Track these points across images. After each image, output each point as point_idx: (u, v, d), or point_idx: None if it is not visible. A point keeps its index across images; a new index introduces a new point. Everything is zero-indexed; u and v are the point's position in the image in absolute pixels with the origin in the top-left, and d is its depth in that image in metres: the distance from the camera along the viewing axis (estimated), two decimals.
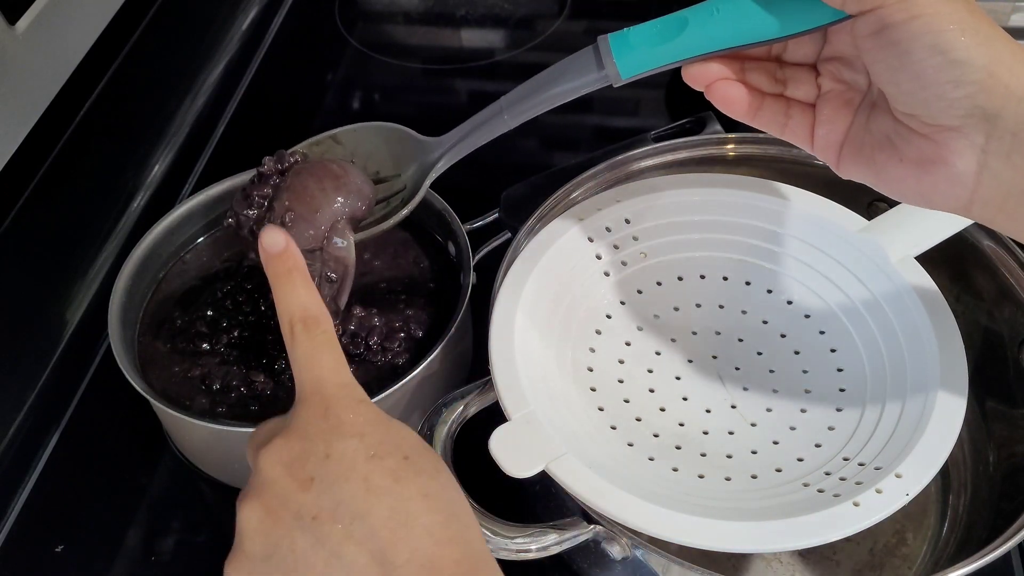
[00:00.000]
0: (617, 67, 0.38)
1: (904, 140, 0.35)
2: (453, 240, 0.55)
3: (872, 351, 0.47)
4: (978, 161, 0.33)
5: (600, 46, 0.39)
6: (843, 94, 0.38)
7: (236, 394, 0.50)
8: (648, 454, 0.44)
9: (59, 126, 0.61)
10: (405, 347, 0.52)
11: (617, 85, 0.39)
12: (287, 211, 0.46)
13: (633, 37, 0.38)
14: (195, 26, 0.79)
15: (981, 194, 0.34)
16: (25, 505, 0.53)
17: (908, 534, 0.48)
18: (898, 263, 0.47)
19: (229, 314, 0.53)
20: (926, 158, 0.34)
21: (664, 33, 0.38)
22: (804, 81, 0.39)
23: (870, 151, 0.37)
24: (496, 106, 0.43)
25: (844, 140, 0.38)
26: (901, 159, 0.35)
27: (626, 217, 0.51)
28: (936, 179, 0.34)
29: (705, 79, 0.38)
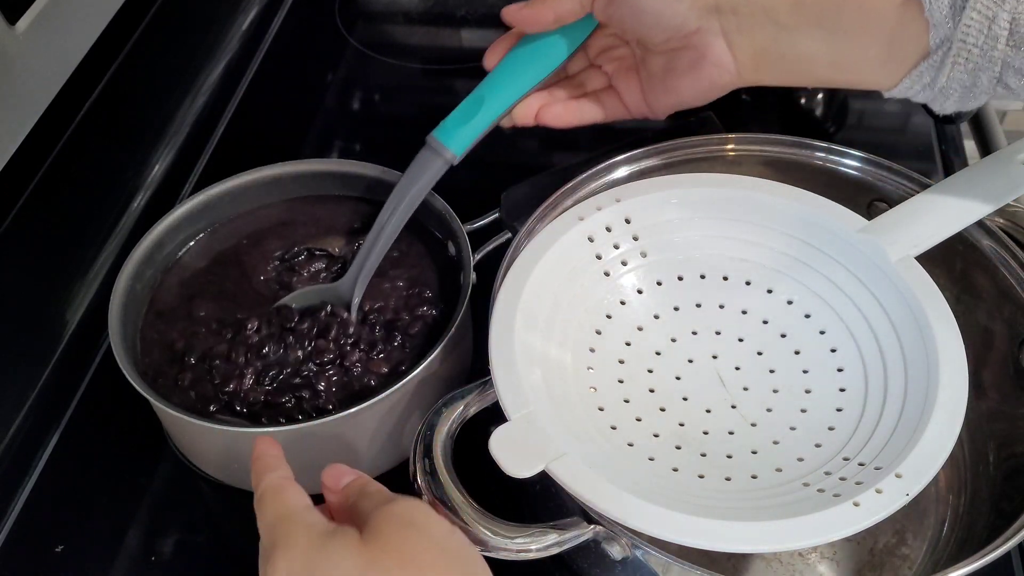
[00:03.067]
0: (451, 150, 0.49)
1: (674, 60, 0.46)
2: (453, 240, 0.55)
3: (872, 351, 0.47)
4: (725, 42, 0.44)
5: (431, 143, 0.49)
6: (622, 66, 0.50)
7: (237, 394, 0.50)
8: (648, 454, 0.44)
9: (59, 126, 0.61)
10: (405, 347, 0.52)
11: (456, 163, 0.49)
12: None
13: (450, 123, 0.49)
14: (195, 26, 0.79)
15: (740, 62, 0.44)
16: (25, 505, 0.53)
17: (908, 534, 0.48)
18: (898, 263, 0.47)
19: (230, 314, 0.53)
20: (694, 60, 0.45)
21: (469, 110, 0.49)
22: (594, 75, 0.51)
23: (660, 83, 0.48)
24: (377, 225, 0.51)
25: (643, 92, 0.49)
26: (680, 73, 0.46)
27: (626, 217, 0.51)
28: (708, 69, 0.45)
29: (530, 113, 0.49)
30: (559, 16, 0.46)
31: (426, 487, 0.40)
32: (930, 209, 0.48)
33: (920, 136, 0.70)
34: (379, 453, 0.51)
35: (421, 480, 0.41)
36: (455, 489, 0.40)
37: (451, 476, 0.41)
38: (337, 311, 0.52)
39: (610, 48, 0.50)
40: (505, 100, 0.49)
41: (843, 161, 0.54)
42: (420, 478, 0.41)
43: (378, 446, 0.50)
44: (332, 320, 0.52)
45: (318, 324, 0.52)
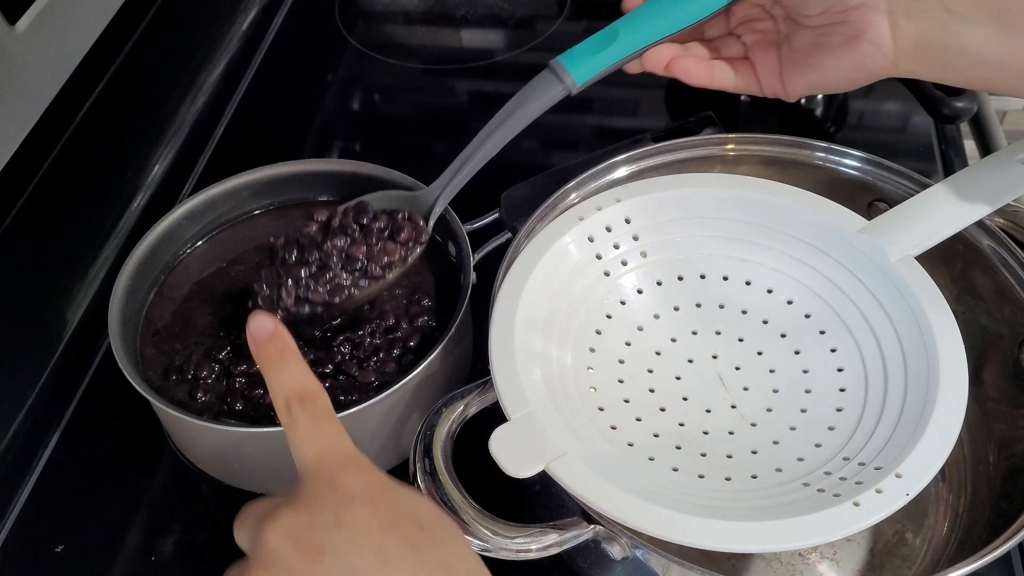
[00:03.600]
0: (573, 77, 0.46)
1: (826, 36, 0.44)
2: (453, 240, 0.55)
3: (872, 351, 0.47)
4: (888, 23, 0.42)
5: (554, 66, 0.47)
6: (763, 39, 0.48)
7: (237, 394, 0.50)
8: (648, 454, 0.44)
9: (59, 126, 0.61)
10: (405, 347, 0.52)
11: (575, 92, 0.47)
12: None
13: (577, 52, 0.47)
14: (195, 26, 0.79)
15: (899, 47, 0.42)
16: (25, 505, 0.53)
17: (908, 534, 0.48)
18: (898, 263, 0.47)
19: (230, 314, 0.54)
20: (850, 36, 0.43)
21: (601, 42, 0.47)
22: (731, 43, 0.49)
23: (803, 60, 0.45)
24: (476, 140, 0.48)
25: (780, 68, 0.47)
26: (831, 49, 0.44)
27: (626, 217, 0.51)
28: (863, 48, 0.42)
29: (662, 60, 0.47)
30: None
31: (426, 487, 0.40)
32: (930, 209, 0.48)
33: (920, 136, 0.70)
34: (379, 453, 0.51)
35: (421, 480, 0.41)
36: (455, 489, 0.40)
37: (451, 476, 0.41)
38: (413, 216, 0.50)
39: (753, 19, 0.48)
40: (640, 40, 0.46)
41: (843, 161, 0.54)
42: (420, 478, 0.41)
43: (378, 446, 0.50)
44: (406, 224, 0.50)
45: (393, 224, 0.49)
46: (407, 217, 0.50)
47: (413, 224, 0.50)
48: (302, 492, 0.32)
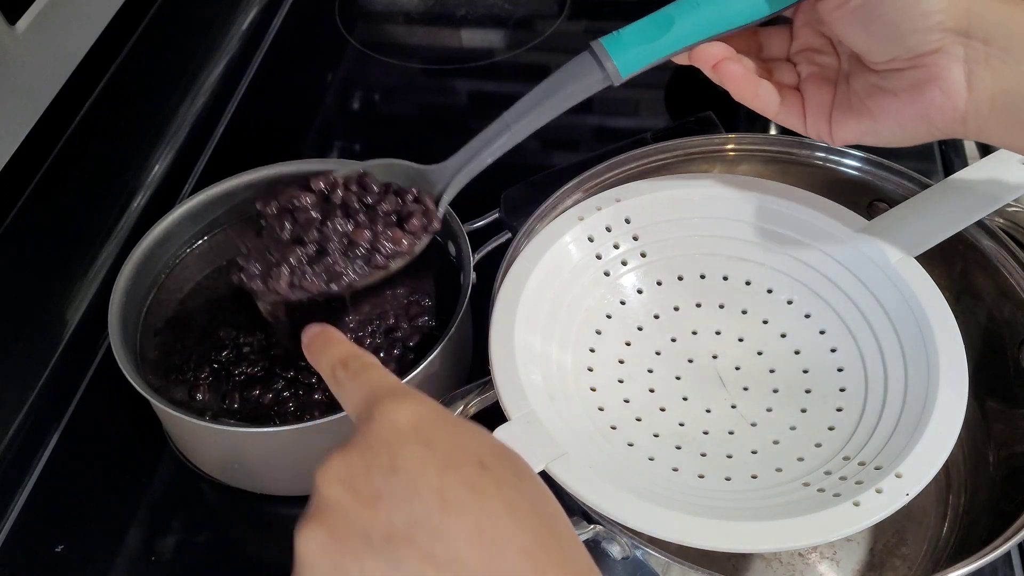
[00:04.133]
0: (616, 66, 0.41)
1: (891, 79, 0.39)
2: (453, 240, 0.55)
3: (872, 351, 0.47)
4: (964, 70, 0.37)
5: (596, 49, 0.41)
6: (820, 73, 0.43)
7: (236, 394, 0.50)
8: (648, 454, 0.44)
9: (59, 126, 0.61)
10: (405, 347, 0.52)
11: (617, 84, 0.42)
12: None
13: (626, 37, 0.41)
14: (195, 26, 0.79)
15: (973, 100, 0.37)
16: (25, 505, 0.53)
17: (908, 534, 0.48)
18: (898, 263, 0.47)
19: (230, 314, 0.54)
20: (919, 82, 0.38)
21: (653, 30, 0.41)
22: (785, 70, 0.44)
23: (860, 104, 0.41)
24: (501, 121, 0.44)
25: (831, 109, 0.42)
26: (895, 94, 0.39)
27: (626, 217, 0.51)
28: (933, 96, 0.38)
29: (711, 59, 0.42)
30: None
31: None
32: (930, 209, 0.48)
33: None
34: None
35: None
36: None
37: None
38: (423, 199, 0.45)
39: (816, 50, 0.43)
40: (698, 32, 0.41)
41: (843, 161, 0.54)
42: None
43: None
44: (416, 208, 0.45)
45: (402, 207, 0.45)
46: (416, 198, 0.45)
47: (423, 208, 0.45)
48: (355, 436, 0.30)
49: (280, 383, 0.50)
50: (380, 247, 0.44)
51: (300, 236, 0.44)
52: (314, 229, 0.44)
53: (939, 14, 0.36)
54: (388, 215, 0.45)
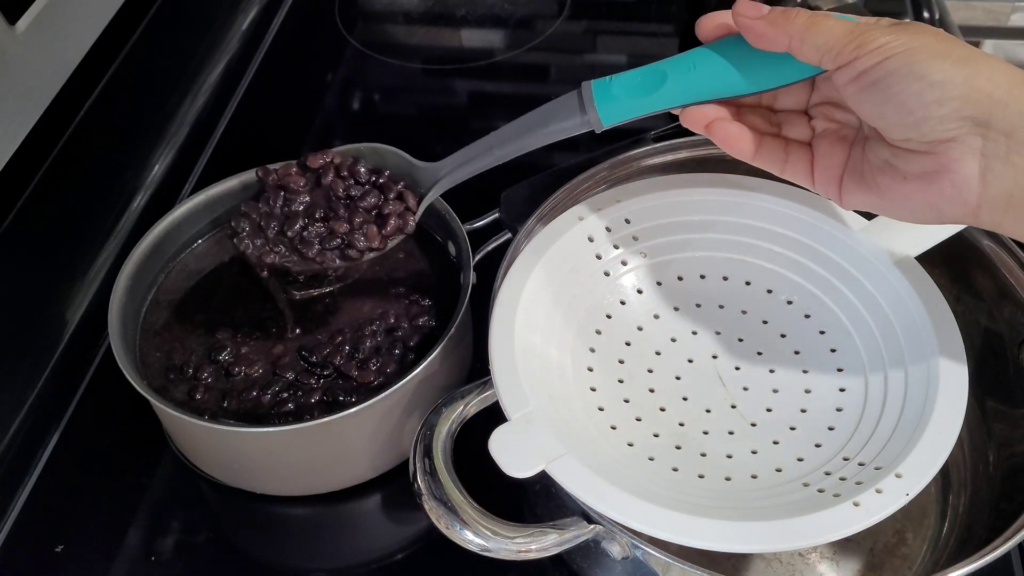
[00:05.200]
0: (599, 115, 0.40)
1: (904, 160, 0.36)
2: (453, 240, 0.55)
3: (872, 351, 0.47)
4: (980, 164, 0.34)
5: (583, 92, 0.41)
6: (837, 132, 0.40)
7: (236, 394, 0.50)
8: (648, 454, 0.44)
9: (59, 126, 0.61)
10: (405, 347, 0.52)
11: (599, 131, 0.41)
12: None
13: (615, 87, 0.40)
14: (195, 26, 0.79)
15: (987, 196, 0.34)
16: (25, 505, 0.53)
17: (908, 534, 0.48)
18: (898, 263, 0.47)
19: (230, 314, 0.54)
20: (930, 171, 0.35)
21: (644, 85, 0.40)
22: (798, 123, 0.41)
23: (871, 176, 0.38)
24: (485, 143, 0.44)
25: (843, 172, 0.39)
26: (905, 177, 0.36)
27: (626, 217, 0.51)
28: (942, 188, 0.35)
29: (704, 119, 0.40)
30: (792, 49, 0.37)
31: (426, 487, 0.40)
32: None
33: None
34: (379, 453, 0.51)
35: (421, 480, 0.41)
36: (455, 489, 0.40)
37: (451, 476, 0.41)
38: (406, 197, 0.47)
39: (834, 104, 0.40)
40: (689, 94, 0.40)
41: None
42: (420, 478, 0.41)
43: (378, 446, 0.50)
44: (397, 208, 0.47)
45: (383, 203, 0.47)
46: (399, 196, 0.47)
47: (404, 207, 0.47)
48: None
49: (280, 383, 0.50)
50: (355, 241, 0.47)
51: (288, 214, 0.47)
52: (300, 213, 0.47)
53: (956, 101, 0.33)
54: (368, 211, 0.47)
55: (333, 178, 0.48)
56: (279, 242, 0.48)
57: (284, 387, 0.50)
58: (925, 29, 0.35)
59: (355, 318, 0.53)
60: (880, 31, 0.35)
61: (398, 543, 0.51)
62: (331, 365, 0.51)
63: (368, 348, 0.51)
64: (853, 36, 0.35)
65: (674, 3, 0.85)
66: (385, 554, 0.51)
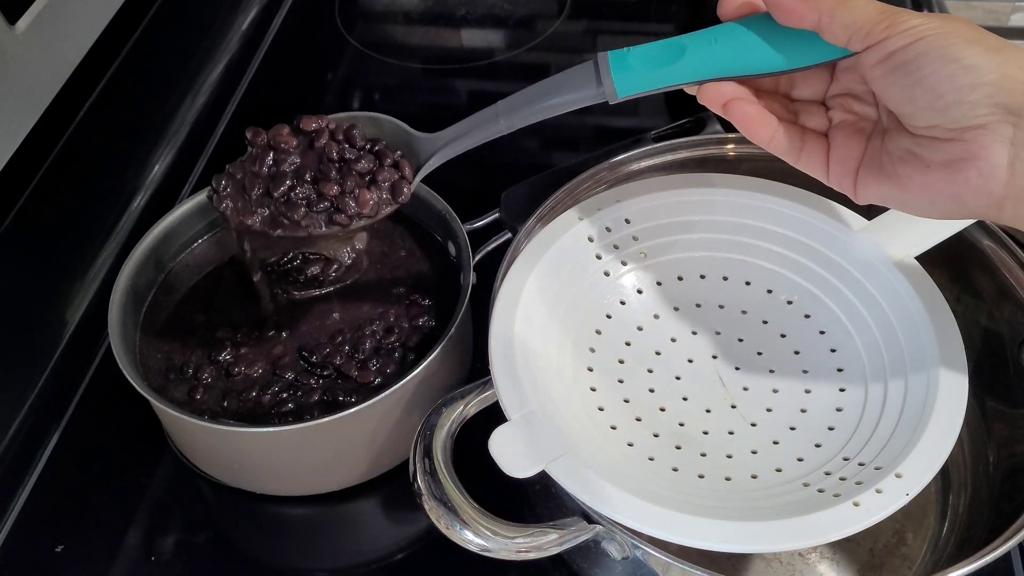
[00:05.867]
0: (615, 85, 0.39)
1: (928, 148, 0.35)
2: (453, 240, 0.55)
3: (872, 351, 0.47)
4: (1009, 154, 0.33)
5: (600, 63, 0.39)
6: (854, 124, 0.39)
7: (236, 394, 0.50)
8: (648, 454, 0.44)
9: (59, 126, 0.61)
10: (405, 347, 0.52)
11: (613, 103, 0.40)
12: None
13: (632, 58, 0.39)
14: (195, 26, 0.79)
15: (1014, 187, 0.33)
16: (25, 505, 0.53)
17: (908, 534, 0.48)
18: (898, 263, 0.47)
19: (229, 314, 0.54)
20: (956, 157, 0.34)
21: (662, 57, 0.38)
22: (816, 113, 0.40)
23: (890, 167, 0.37)
24: (493, 110, 0.43)
25: (859, 165, 0.38)
26: (928, 165, 0.35)
27: (626, 217, 0.51)
28: (968, 176, 0.34)
29: (721, 98, 0.39)
30: (820, 27, 0.36)
31: (426, 487, 0.40)
32: None
33: None
34: (379, 453, 0.51)
35: (421, 480, 0.41)
36: (455, 489, 0.40)
37: (451, 476, 0.41)
38: (402, 165, 0.45)
39: (854, 97, 0.39)
40: (708, 69, 0.38)
41: None
42: (420, 478, 0.41)
43: (378, 446, 0.50)
44: (391, 175, 0.45)
45: (378, 169, 0.45)
46: (395, 163, 0.45)
47: (399, 175, 0.45)
48: None
49: (279, 383, 0.50)
50: (344, 205, 0.44)
51: (274, 174, 0.45)
52: (289, 174, 0.45)
53: (988, 86, 0.33)
54: (362, 175, 0.45)
55: (328, 141, 0.46)
56: (263, 203, 0.45)
57: (284, 387, 0.50)
58: (955, 18, 0.34)
59: (355, 318, 0.53)
60: (911, 14, 0.34)
61: (398, 543, 0.51)
62: (331, 365, 0.51)
63: (368, 348, 0.51)
64: (884, 16, 0.34)
65: (674, 3, 0.85)
66: (385, 554, 0.51)
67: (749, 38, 0.37)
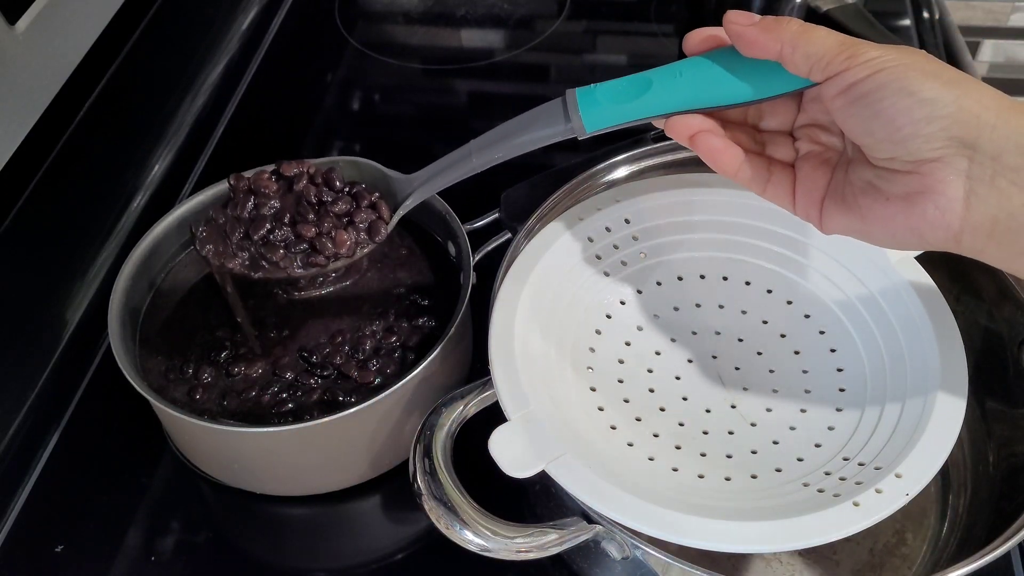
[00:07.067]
0: (583, 120, 0.40)
1: (887, 181, 0.36)
2: (453, 240, 0.55)
3: (872, 351, 0.47)
4: (964, 187, 0.33)
5: (567, 99, 0.40)
6: (820, 155, 0.39)
7: (236, 395, 0.50)
8: (648, 454, 0.44)
9: (59, 126, 0.61)
10: (405, 347, 0.52)
11: (582, 138, 0.41)
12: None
13: (599, 93, 0.40)
14: (195, 26, 0.79)
15: (970, 221, 0.34)
16: (25, 505, 0.53)
17: (908, 534, 0.48)
18: (898, 263, 0.47)
19: (229, 314, 0.54)
20: (913, 191, 0.35)
21: (629, 91, 0.39)
22: (782, 144, 0.41)
23: (852, 198, 0.37)
24: (466, 149, 0.43)
25: (825, 195, 0.39)
26: (887, 198, 0.36)
27: (626, 217, 0.51)
28: (925, 209, 0.34)
29: (688, 130, 0.40)
30: (783, 57, 0.36)
31: (426, 487, 0.40)
32: None
33: None
34: (379, 453, 0.51)
35: (421, 480, 0.41)
36: (455, 489, 0.40)
37: (451, 476, 0.41)
38: (379, 206, 0.47)
39: (820, 127, 0.40)
40: (675, 102, 0.39)
41: None
42: (420, 478, 0.41)
43: (378, 446, 0.50)
44: (368, 216, 0.46)
45: (355, 210, 0.46)
46: (372, 204, 0.46)
47: (375, 216, 0.46)
48: None
49: (279, 383, 0.50)
50: (321, 246, 0.46)
51: (254, 217, 0.46)
52: (268, 218, 0.46)
53: (944, 120, 0.33)
54: (340, 216, 0.46)
55: (306, 184, 0.47)
56: (243, 247, 0.46)
57: (284, 387, 0.50)
58: (914, 50, 0.35)
59: (355, 318, 0.53)
60: (871, 46, 0.35)
61: (398, 543, 0.51)
62: (331, 365, 0.51)
63: (368, 348, 0.51)
64: (844, 47, 0.35)
65: (674, 3, 0.85)
66: (385, 554, 0.51)
67: (714, 71, 0.38)
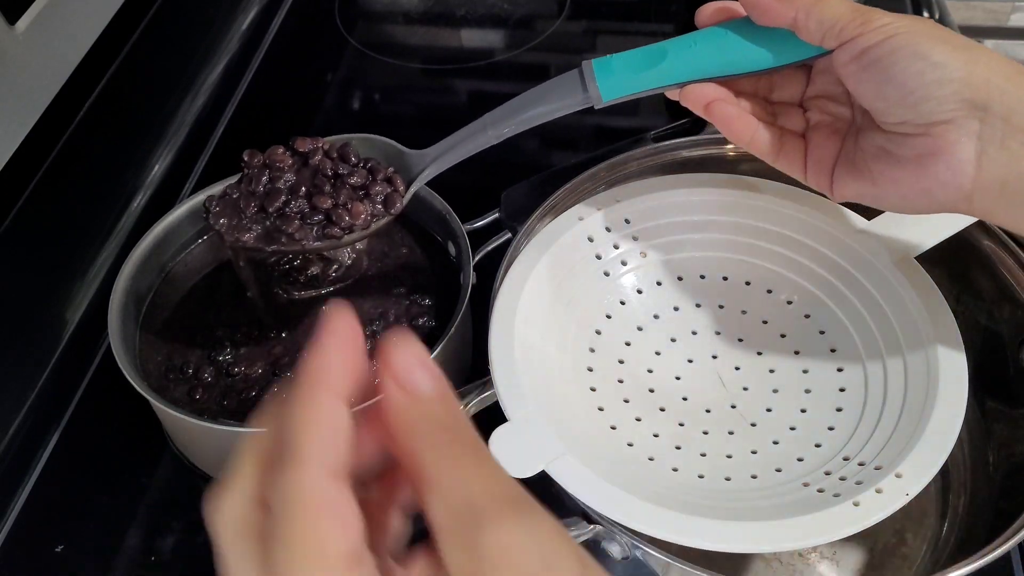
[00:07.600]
0: (599, 89, 0.41)
1: (899, 145, 0.37)
2: (453, 240, 0.55)
3: (872, 351, 0.47)
4: (975, 148, 0.34)
5: (584, 70, 0.41)
6: (831, 124, 0.41)
7: (236, 394, 0.50)
8: (648, 454, 0.44)
9: (59, 126, 0.61)
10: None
11: (598, 107, 0.42)
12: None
13: (615, 63, 0.41)
14: (195, 26, 0.79)
15: (981, 181, 0.35)
16: (25, 505, 0.53)
17: (908, 534, 0.48)
18: (898, 263, 0.47)
19: (229, 314, 0.54)
20: (925, 152, 0.35)
21: (644, 61, 0.41)
22: (793, 114, 0.42)
23: (863, 163, 0.38)
24: (480, 122, 0.44)
25: (835, 163, 0.40)
26: (899, 161, 0.37)
27: (626, 217, 0.51)
28: (937, 170, 0.35)
29: (703, 99, 0.40)
30: (796, 24, 0.37)
31: None
32: None
33: None
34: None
35: None
36: None
37: None
38: (394, 180, 0.46)
39: (830, 98, 0.41)
40: (689, 71, 0.40)
41: None
42: None
43: None
44: (384, 188, 0.46)
45: (370, 183, 0.46)
46: (387, 178, 0.46)
47: (392, 189, 0.46)
48: None
49: (279, 383, 0.50)
50: (338, 218, 0.45)
51: (269, 191, 0.46)
52: (283, 190, 0.46)
53: (955, 83, 0.34)
54: (356, 188, 0.46)
55: (322, 158, 0.47)
56: (257, 220, 0.46)
57: (284, 387, 0.50)
58: (923, 19, 0.36)
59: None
60: (882, 13, 0.36)
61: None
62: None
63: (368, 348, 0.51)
64: (857, 14, 0.36)
65: (674, 3, 0.85)
66: None
67: (728, 39, 0.39)
